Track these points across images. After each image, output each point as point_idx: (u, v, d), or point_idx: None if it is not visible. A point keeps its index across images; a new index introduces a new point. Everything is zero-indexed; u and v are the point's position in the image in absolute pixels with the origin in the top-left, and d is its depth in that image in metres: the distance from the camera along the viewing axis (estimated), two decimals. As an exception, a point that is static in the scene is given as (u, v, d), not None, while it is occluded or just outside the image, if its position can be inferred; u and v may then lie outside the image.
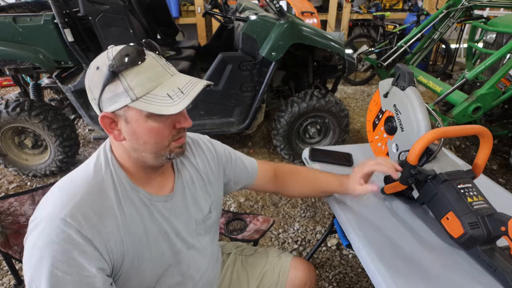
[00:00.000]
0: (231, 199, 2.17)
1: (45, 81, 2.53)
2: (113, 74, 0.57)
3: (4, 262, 0.94)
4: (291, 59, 2.46)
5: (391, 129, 1.02)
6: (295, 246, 1.81)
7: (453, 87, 2.25)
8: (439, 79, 2.81)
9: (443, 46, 4.57)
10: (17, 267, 1.01)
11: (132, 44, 0.60)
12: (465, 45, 2.97)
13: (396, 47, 2.98)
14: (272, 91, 2.74)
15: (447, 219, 0.76)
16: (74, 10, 2.04)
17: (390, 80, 1.03)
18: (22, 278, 1.01)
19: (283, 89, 2.78)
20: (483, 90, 2.12)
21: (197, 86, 0.61)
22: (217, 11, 2.62)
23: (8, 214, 0.91)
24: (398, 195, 0.97)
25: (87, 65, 2.08)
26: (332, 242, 1.82)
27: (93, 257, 0.58)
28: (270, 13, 2.35)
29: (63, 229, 0.56)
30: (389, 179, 0.95)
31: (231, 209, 2.09)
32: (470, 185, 0.79)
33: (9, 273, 1.44)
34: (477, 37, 2.86)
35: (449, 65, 4.53)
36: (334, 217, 1.10)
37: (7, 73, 2.23)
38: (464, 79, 2.21)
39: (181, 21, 4.51)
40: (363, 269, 1.52)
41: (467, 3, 2.71)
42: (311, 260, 1.70)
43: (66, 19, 1.95)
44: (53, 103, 2.65)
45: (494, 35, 2.60)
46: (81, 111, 2.26)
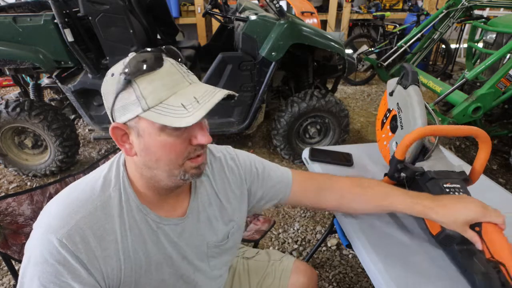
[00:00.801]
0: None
1: (45, 81, 2.53)
2: (126, 80, 0.52)
3: (3, 262, 0.94)
4: (291, 59, 2.46)
5: (394, 128, 1.03)
6: (295, 246, 1.81)
7: (453, 87, 2.25)
8: (439, 79, 2.80)
9: (443, 46, 4.57)
10: (16, 268, 1.00)
11: (150, 49, 0.56)
12: (465, 45, 2.97)
13: (396, 47, 2.97)
14: (272, 91, 2.74)
15: None
16: (74, 10, 2.04)
17: (396, 79, 1.04)
18: (21, 278, 1.01)
19: (283, 89, 2.78)
20: (483, 90, 2.12)
21: (216, 96, 0.54)
22: (217, 11, 2.62)
23: (6, 214, 0.91)
24: None
25: (87, 65, 2.08)
26: (332, 242, 1.82)
27: (87, 282, 0.55)
28: (270, 13, 2.35)
29: (58, 250, 0.53)
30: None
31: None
32: (458, 186, 0.78)
33: (9, 273, 1.44)
34: (477, 37, 2.86)
35: (449, 65, 4.53)
36: (334, 217, 1.10)
37: (7, 73, 2.24)
38: (464, 79, 2.21)
39: (181, 21, 4.51)
40: (363, 269, 1.52)
41: (467, 3, 2.70)
42: (311, 260, 1.70)
43: (66, 19, 1.95)
44: (53, 103, 2.65)
45: (494, 35, 2.60)
46: (81, 111, 2.26)
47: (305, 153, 1.21)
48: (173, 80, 0.55)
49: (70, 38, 1.97)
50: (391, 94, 1.04)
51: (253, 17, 2.16)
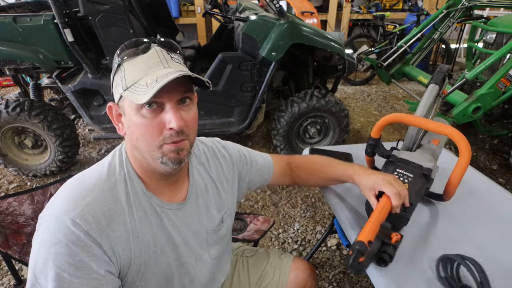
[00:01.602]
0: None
1: (45, 81, 2.53)
2: (116, 64, 0.60)
3: (4, 262, 0.94)
4: (291, 59, 2.46)
5: None
6: (295, 246, 1.81)
7: (453, 87, 2.25)
8: (439, 79, 2.80)
9: (443, 46, 4.57)
10: (16, 267, 1.01)
11: (145, 39, 0.61)
12: (465, 45, 2.97)
13: (396, 47, 2.98)
14: (272, 91, 2.75)
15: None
16: (74, 10, 2.04)
17: None
18: (22, 278, 1.01)
19: (283, 89, 2.78)
20: (483, 90, 2.12)
21: (173, 75, 0.54)
22: (217, 11, 2.62)
23: (7, 214, 0.91)
24: None
25: (87, 65, 2.08)
26: (332, 242, 1.82)
27: (102, 260, 0.56)
28: (270, 13, 2.35)
29: (71, 230, 0.54)
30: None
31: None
32: (410, 175, 0.81)
33: (9, 273, 1.44)
34: (477, 37, 2.86)
35: (449, 65, 4.53)
36: (334, 217, 1.10)
37: (7, 73, 2.24)
38: (464, 79, 2.21)
39: (181, 21, 4.51)
40: (363, 269, 1.51)
41: (467, 3, 2.71)
42: (311, 260, 1.70)
43: (66, 19, 1.95)
44: (53, 103, 2.65)
45: (494, 35, 2.60)
46: (81, 111, 2.26)
47: (305, 153, 1.21)
48: (150, 63, 0.59)
49: (70, 38, 1.97)
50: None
51: (253, 17, 2.17)
